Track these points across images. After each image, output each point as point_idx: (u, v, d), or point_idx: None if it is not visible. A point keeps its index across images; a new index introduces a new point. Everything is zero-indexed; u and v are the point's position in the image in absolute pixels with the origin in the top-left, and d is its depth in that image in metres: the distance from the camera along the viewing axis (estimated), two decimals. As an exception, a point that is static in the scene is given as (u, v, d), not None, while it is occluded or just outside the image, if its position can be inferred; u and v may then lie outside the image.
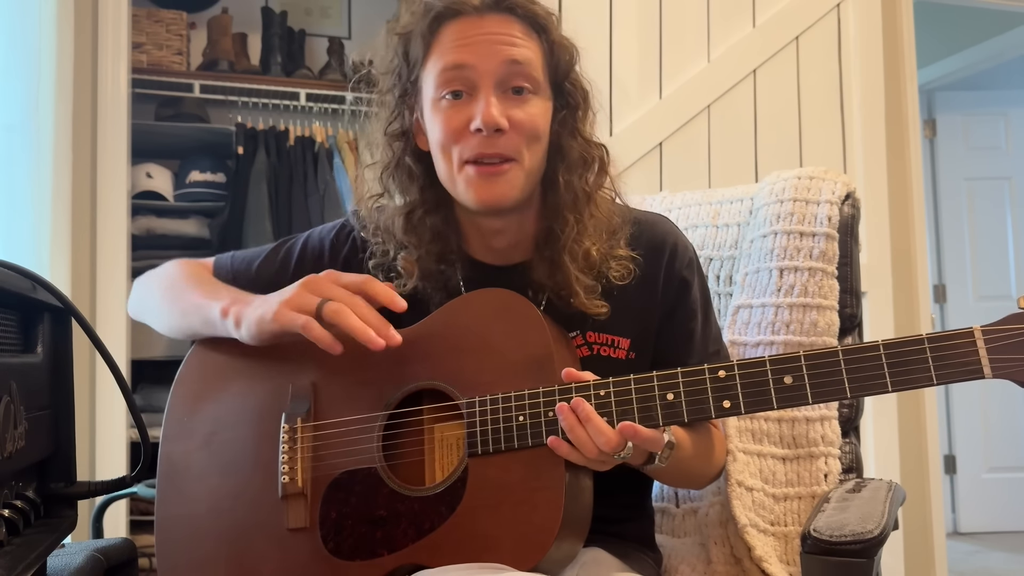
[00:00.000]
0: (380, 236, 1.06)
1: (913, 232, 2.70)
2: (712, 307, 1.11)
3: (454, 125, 0.97)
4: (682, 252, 1.07)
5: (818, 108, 2.49)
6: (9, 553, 0.68)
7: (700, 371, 0.88)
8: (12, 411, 0.69)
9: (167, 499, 1.04)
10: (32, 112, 1.98)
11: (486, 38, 0.97)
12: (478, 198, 0.97)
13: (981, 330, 0.81)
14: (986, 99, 4.35)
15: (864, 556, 0.84)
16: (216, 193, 3.04)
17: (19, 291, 0.74)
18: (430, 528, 0.91)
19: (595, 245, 1.01)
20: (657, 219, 1.11)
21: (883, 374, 0.83)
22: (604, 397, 0.90)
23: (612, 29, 2.34)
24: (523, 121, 0.97)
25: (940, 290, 4.26)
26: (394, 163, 1.05)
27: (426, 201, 1.04)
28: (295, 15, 3.37)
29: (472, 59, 0.96)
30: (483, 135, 0.95)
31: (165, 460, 1.05)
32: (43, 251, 1.97)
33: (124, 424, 2.11)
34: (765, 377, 0.86)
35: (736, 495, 1.15)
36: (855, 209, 1.27)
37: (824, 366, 0.85)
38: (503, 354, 0.95)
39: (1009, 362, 0.80)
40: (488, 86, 0.96)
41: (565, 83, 1.03)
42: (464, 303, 1.01)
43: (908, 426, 2.60)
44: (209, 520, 1.01)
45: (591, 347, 1.04)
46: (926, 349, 0.82)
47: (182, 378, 1.08)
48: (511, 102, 0.97)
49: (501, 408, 0.92)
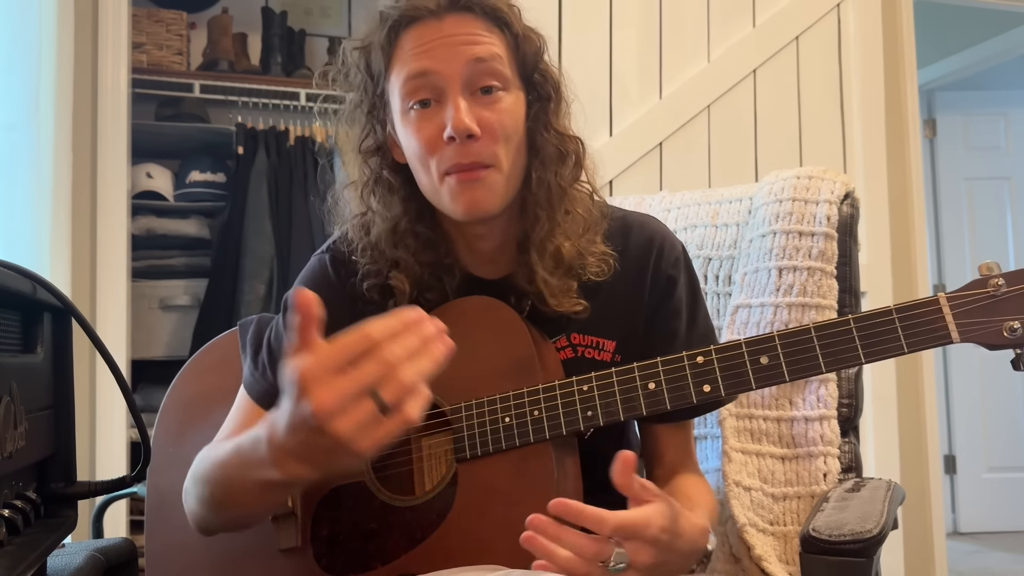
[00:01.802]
0: (368, 255, 1.01)
1: (913, 232, 2.70)
2: (702, 306, 1.08)
3: (427, 135, 0.93)
4: (669, 250, 1.04)
5: (818, 108, 2.49)
6: (9, 553, 0.68)
7: (679, 358, 0.90)
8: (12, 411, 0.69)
9: (157, 531, 1.04)
10: (32, 112, 1.98)
11: (446, 40, 0.93)
12: (463, 208, 0.94)
13: (946, 297, 0.84)
14: (986, 99, 4.35)
15: (863, 555, 0.84)
16: (216, 193, 3.05)
17: (19, 291, 0.75)
18: (422, 537, 0.91)
19: (569, 242, 0.97)
20: (645, 219, 1.08)
21: (855, 347, 0.85)
22: (587, 392, 0.91)
23: (612, 29, 2.34)
24: (494, 123, 0.93)
25: (940, 290, 4.23)
26: (373, 179, 1.01)
27: (409, 211, 1.00)
28: (295, 15, 3.37)
29: (435, 64, 0.92)
30: (457, 143, 0.91)
31: (153, 492, 1.05)
32: (43, 251, 1.97)
33: (124, 424, 2.11)
34: (742, 359, 0.88)
35: (734, 495, 1.15)
36: (854, 209, 1.27)
37: (798, 344, 0.87)
38: (486, 359, 0.95)
39: (975, 325, 0.83)
40: (455, 90, 0.92)
41: (534, 75, 0.99)
42: (444, 312, 0.99)
43: (908, 426, 2.60)
44: (200, 549, 1.00)
45: (575, 349, 1.02)
46: (895, 320, 0.84)
47: (166, 408, 1.09)
48: (481, 103, 0.93)
49: (487, 411, 0.92)
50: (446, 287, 1.01)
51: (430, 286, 1.01)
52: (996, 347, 0.83)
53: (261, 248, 2.85)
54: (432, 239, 1.00)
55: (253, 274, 2.83)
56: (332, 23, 3.48)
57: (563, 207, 0.98)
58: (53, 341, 0.84)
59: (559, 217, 0.97)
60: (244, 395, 1.02)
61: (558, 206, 0.98)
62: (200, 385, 1.08)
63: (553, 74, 1.00)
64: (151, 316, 2.91)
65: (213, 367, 1.09)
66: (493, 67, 0.93)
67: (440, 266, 1.01)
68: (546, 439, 0.91)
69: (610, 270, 0.99)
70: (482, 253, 1.03)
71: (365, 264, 1.01)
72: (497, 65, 0.94)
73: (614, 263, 0.99)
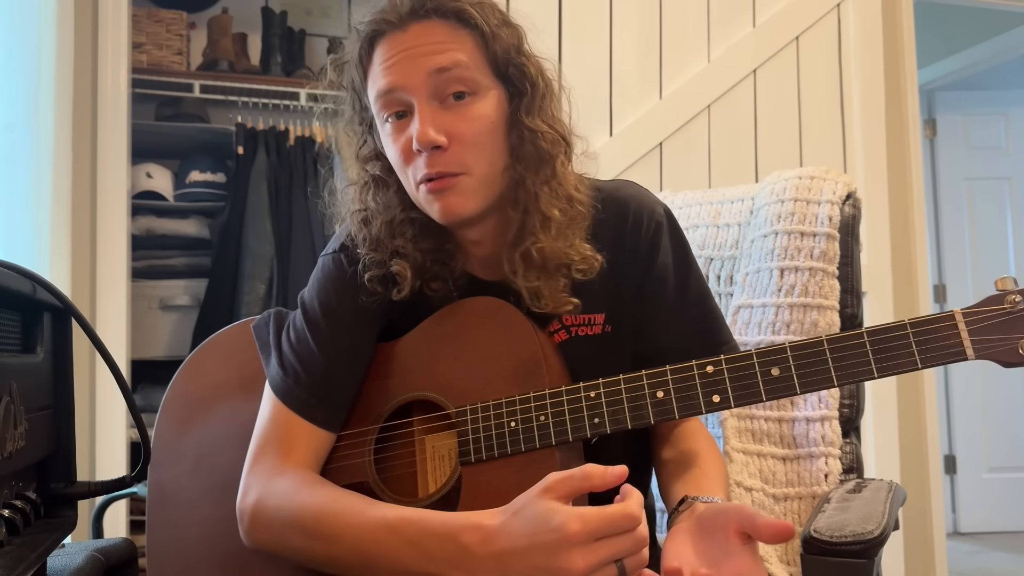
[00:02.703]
0: (369, 245, 1.01)
1: (913, 232, 2.70)
2: (693, 269, 1.04)
3: (401, 146, 0.94)
4: (647, 216, 1.01)
5: (818, 108, 2.49)
6: (9, 553, 0.68)
7: (688, 367, 0.89)
8: (12, 411, 0.69)
9: (158, 527, 1.03)
10: (32, 112, 1.98)
11: (407, 53, 0.93)
12: (439, 214, 0.94)
13: (961, 313, 0.82)
14: (986, 99, 4.35)
15: (864, 557, 0.84)
16: (216, 193, 3.04)
17: (19, 291, 0.74)
18: None
19: (554, 241, 0.95)
20: (619, 186, 1.04)
21: (868, 361, 0.83)
22: (595, 399, 0.90)
23: (612, 29, 2.34)
24: (462, 132, 0.92)
25: (940, 290, 4.26)
26: (371, 181, 1.02)
27: (404, 202, 1.00)
28: (295, 15, 3.37)
29: (399, 79, 0.92)
30: (425, 154, 0.92)
31: (154, 487, 1.04)
32: (43, 251, 1.97)
33: (124, 424, 2.11)
34: (753, 370, 0.87)
35: (735, 496, 1.15)
36: (856, 209, 1.27)
37: (810, 356, 0.85)
38: (492, 361, 0.95)
39: (990, 342, 0.81)
40: (421, 102, 0.92)
41: (510, 69, 0.96)
42: (450, 312, 0.99)
43: (908, 426, 2.60)
44: (203, 547, 1.00)
45: (568, 330, 1.01)
46: (909, 335, 0.83)
47: (168, 404, 1.08)
48: (450, 112, 0.92)
49: (492, 415, 0.92)
50: (449, 278, 1.01)
51: (434, 275, 1.01)
52: (1011, 365, 0.82)
53: (261, 248, 2.85)
54: (429, 225, 1.00)
55: (253, 274, 2.83)
56: (332, 23, 3.47)
57: (539, 207, 0.96)
58: (53, 341, 0.83)
59: (536, 218, 0.96)
60: (277, 402, 0.99)
61: (533, 207, 0.96)
62: (202, 381, 1.08)
63: (531, 68, 0.97)
64: (151, 316, 2.91)
65: (215, 362, 1.08)
66: (457, 74, 0.92)
67: (442, 251, 1.01)
68: (552, 445, 0.91)
69: (595, 269, 0.98)
70: (481, 258, 1.03)
71: (367, 255, 1.01)
72: (462, 72, 0.92)
73: (600, 264, 0.98)
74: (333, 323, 1.00)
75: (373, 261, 1.00)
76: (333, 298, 1.01)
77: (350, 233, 1.04)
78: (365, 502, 0.88)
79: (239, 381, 1.05)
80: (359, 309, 1.00)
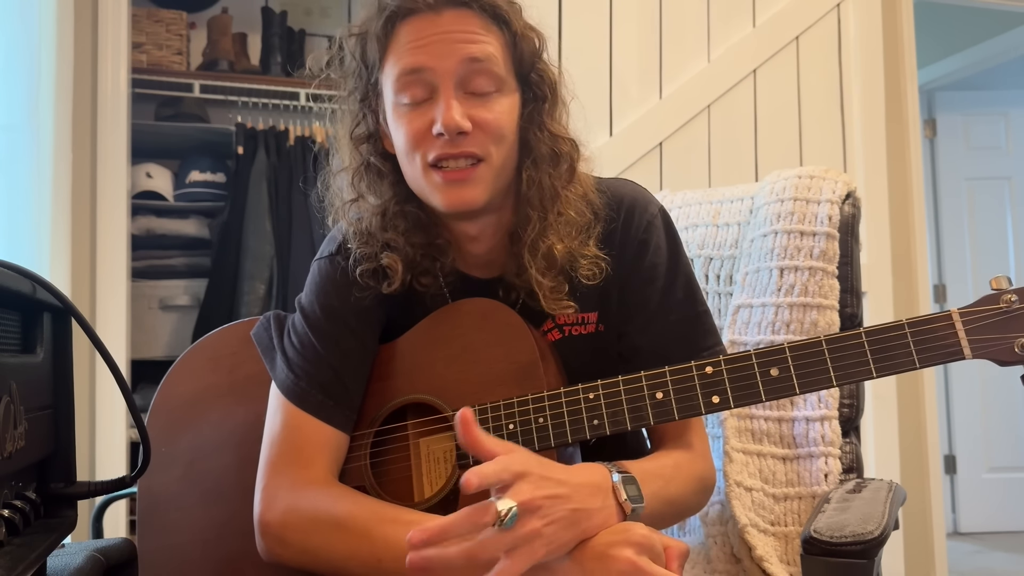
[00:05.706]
0: (360, 239, 1.00)
1: (913, 232, 2.70)
2: (684, 270, 1.02)
3: (416, 128, 0.92)
4: (639, 215, 1.01)
5: (818, 108, 2.49)
6: (9, 553, 0.68)
7: (688, 368, 0.89)
8: (12, 411, 0.69)
9: (150, 533, 1.02)
10: (32, 112, 1.98)
11: (442, 37, 0.91)
12: (446, 202, 0.93)
13: (959, 312, 0.83)
14: (986, 99, 4.35)
15: (865, 557, 0.84)
16: (216, 193, 3.04)
17: (19, 291, 0.74)
18: None
19: (561, 243, 0.96)
20: (616, 185, 1.04)
21: (867, 360, 0.84)
22: (593, 400, 0.90)
23: (612, 29, 2.34)
24: (488, 121, 0.92)
25: (940, 290, 4.26)
26: (363, 166, 1.01)
27: (398, 195, 0.99)
28: (295, 15, 3.37)
29: (429, 61, 0.91)
30: (446, 138, 0.90)
31: (145, 494, 1.03)
32: (43, 251, 1.97)
33: (124, 424, 2.11)
34: (752, 371, 0.87)
35: (735, 495, 1.15)
36: (856, 208, 1.27)
37: (809, 356, 0.86)
38: (489, 363, 0.94)
39: (987, 342, 0.82)
40: (448, 87, 0.91)
41: (531, 74, 0.97)
42: (446, 314, 0.99)
43: (908, 426, 2.60)
44: (195, 552, 0.99)
45: (562, 329, 1.01)
46: (907, 334, 0.83)
47: (156, 409, 1.06)
48: (474, 101, 0.92)
49: (490, 417, 0.92)
50: (439, 273, 1.01)
51: (424, 270, 1.00)
52: (1007, 364, 0.82)
53: (261, 248, 2.85)
54: (422, 219, 0.99)
55: (253, 274, 2.83)
56: (332, 23, 3.47)
57: (556, 208, 0.96)
58: (53, 341, 0.83)
59: (551, 218, 0.96)
60: (290, 407, 0.97)
61: (550, 207, 0.96)
62: (191, 384, 1.07)
63: (550, 74, 0.99)
64: (151, 316, 2.91)
65: (204, 365, 1.07)
66: (487, 68, 0.92)
67: (433, 247, 1.00)
68: (551, 447, 0.90)
69: (602, 273, 0.97)
70: (475, 256, 1.02)
71: (358, 249, 1.00)
72: (492, 67, 0.93)
73: (606, 267, 0.98)
74: (339, 326, 0.99)
75: (364, 255, 0.99)
76: (335, 301, 1.00)
77: (344, 234, 1.03)
78: (411, 512, 0.88)
79: (229, 385, 1.05)
80: (361, 310, 1.00)
